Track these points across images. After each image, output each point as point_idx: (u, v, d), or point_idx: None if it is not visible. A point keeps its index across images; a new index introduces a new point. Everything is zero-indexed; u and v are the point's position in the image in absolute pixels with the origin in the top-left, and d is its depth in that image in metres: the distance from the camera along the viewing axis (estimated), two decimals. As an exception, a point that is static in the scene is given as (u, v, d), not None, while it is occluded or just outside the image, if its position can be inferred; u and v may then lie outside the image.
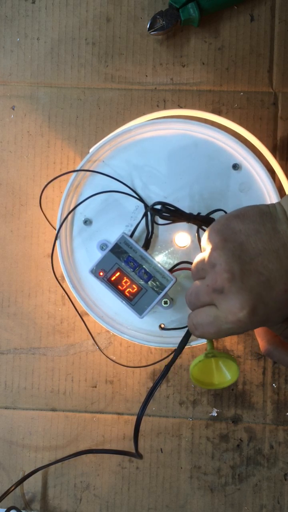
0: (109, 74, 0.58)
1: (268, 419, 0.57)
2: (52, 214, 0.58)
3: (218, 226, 0.40)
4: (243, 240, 0.38)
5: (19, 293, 0.59)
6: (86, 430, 0.58)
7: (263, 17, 0.57)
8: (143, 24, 0.58)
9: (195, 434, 0.57)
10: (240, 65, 0.57)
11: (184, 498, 0.57)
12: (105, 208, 0.54)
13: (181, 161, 0.54)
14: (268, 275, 0.37)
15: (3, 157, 0.59)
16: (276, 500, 0.57)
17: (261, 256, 0.38)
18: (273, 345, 0.45)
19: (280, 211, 0.40)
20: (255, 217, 0.39)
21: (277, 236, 0.38)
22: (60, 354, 0.58)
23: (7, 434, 0.58)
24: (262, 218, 0.39)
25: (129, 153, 0.54)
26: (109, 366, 0.58)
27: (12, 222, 0.59)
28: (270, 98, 0.57)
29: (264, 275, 0.37)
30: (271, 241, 0.38)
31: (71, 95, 0.58)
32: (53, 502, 0.58)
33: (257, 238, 0.38)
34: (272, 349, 0.45)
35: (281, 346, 0.45)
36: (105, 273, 0.50)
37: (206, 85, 0.58)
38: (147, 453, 0.57)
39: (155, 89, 0.58)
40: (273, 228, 0.38)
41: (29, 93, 0.59)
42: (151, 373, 0.57)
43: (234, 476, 0.57)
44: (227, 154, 0.54)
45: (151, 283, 0.49)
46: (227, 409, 0.57)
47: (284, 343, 0.45)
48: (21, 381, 0.58)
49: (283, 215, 0.39)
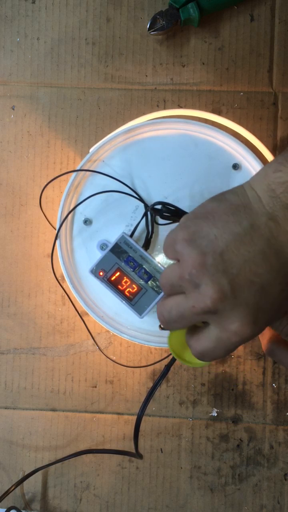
0: (109, 74, 0.58)
1: (268, 419, 0.57)
2: (52, 214, 0.58)
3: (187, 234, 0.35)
4: (223, 249, 0.34)
5: (19, 293, 0.58)
6: (86, 430, 0.58)
7: (263, 17, 0.57)
8: (143, 24, 0.58)
9: (195, 434, 0.57)
10: (240, 65, 0.57)
11: (184, 498, 0.57)
12: (105, 208, 0.54)
13: (181, 161, 0.54)
14: (260, 282, 0.34)
15: (3, 157, 0.59)
16: (276, 500, 0.57)
17: (248, 263, 0.34)
18: (275, 344, 0.43)
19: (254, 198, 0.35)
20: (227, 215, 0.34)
21: (258, 234, 0.34)
22: (60, 354, 0.58)
23: (7, 434, 0.58)
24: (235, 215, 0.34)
25: (129, 153, 0.54)
26: (109, 366, 0.58)
27: (12, 222, 0.59)
28: (270, 98, 0.57)
29: (257, 282, 0.34)
30: (253, 241, 0.34)
31: (71, 95, 0.58)
32: (53, 502, 0.58)
33: (237, 243, 0.34)
34: (274, 348, 0.43)
35: (284, 345, 0.44)
36: (105, 273, 0.50)
37: (206, 85, 0.58)
38: (147, 453, 0.57)
39: (155, 89, 0.58)
40: (252, 225, 0.34)
41: (29, 93, 0.59)
42: (151, 373, 0.57)
43: (234, 476, 0.57)
44: (227, 154, 0.54)
45: (151, 283, 0.49)
46: (227, 409, 0.57)
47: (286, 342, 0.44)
48: (21, 381, 0.58)
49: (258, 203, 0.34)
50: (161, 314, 0.39)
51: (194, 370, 0.57)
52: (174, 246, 0.36)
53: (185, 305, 0.36)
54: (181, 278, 0.35)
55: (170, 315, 0.38)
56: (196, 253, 0.34)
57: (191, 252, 0.34)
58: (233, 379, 0.57)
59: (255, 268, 0.34)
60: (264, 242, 0.34)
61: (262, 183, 0.35)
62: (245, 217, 0.34)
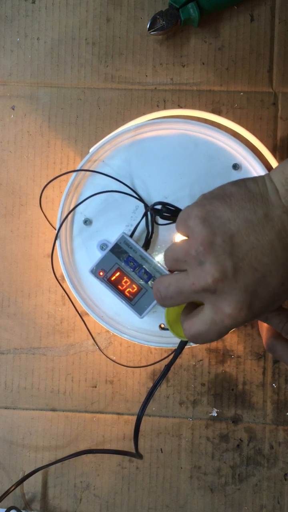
0: (109, 74, 0.58)
1: (268, 419, 0.57)
2: (52, 214, 0.58)
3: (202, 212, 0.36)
4: (234, 233, 0.34)
5: (19, 293, 0.58)
6: (86, 430, 0.58)
7: (263, 17, 0.57)
8: (143, 24, 0.58)
9: (195, 434, 0.57)
10: (240, 65, 0.57)
11: (184, 498, 0.57)
12: (105, 208, 0.54)
13: (181, 161, 0.54)
14: (263, 271, 0.34)
15: (3, 157, 0.59)
16: (276, 500, 0.57)
17: (255, 250, 0.34)
18: (276, 340, 0.43)
19: (272, 190, 0.35)
20: (244, 201, 0.35)
21: (270, 225, 0.34)
22: (60, 354, 0.58)
23: (7, 434, 0.58)
24: (252, 202, 0.35)
25: (129, 153, 0.54)
26: (109, 366, 0.58)
27: (12, 222, 0.59)
28: (270, 98, 0.57)
29: (259, 271, 0.34)
30: (264, 231, 0.34)
31: (71, 95, 0.58)
32: (53, 502, 0.58)
33: (249, 229, 0.34)
34: (274, 344, 0.43)
35: (284, 342, 0.44)
36: (105, 273, 0.50)
37: (206, 85, 0.58)
38: (147, 453, 0.57)
39: (155, 89, 0.58)
40: (266, 215, 0.34)
41: (29, 93, 0.59)
42: (151, 373, 0.57)
43: (234, 476, 0.57)
44: (227, 154, 0.54)
45: (151, 283, 0.49)
46: (227, 409, 0.57)
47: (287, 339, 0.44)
48: (21, 381, 0.58)
49: (275, 195, 0.35)
50: (157, 290, 0.39)
51: (194, 370, 0.57)
52: (187, 221, 0.37)
53: (185, 281, 0.36)
54: (187, 254, 0.36)
55: (167, 291, 0.38)
56: (207, 232, 0.35)
57: (202, 230, 0.35)
58: (233, 379, 0.57)
59: (261, 257, 0.34)
60: (275, 233, 0.34)
61: (281, 176, 0.35)
62: (261, 206, 0.35)
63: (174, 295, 0.38)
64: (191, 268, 0.36)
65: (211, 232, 0.35)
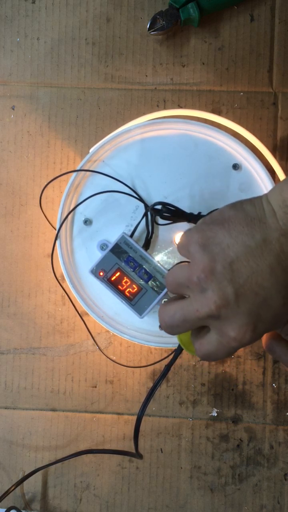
0: (109, 74, 0.58)
1: (268, 419, 0.57)
2: (52, 214, 0.58)
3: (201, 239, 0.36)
4: (233, 259, 0.35)
5: (19, 293, 0.58)
6: (86, 430, 0.58)
7: (263, 17, 0.57)
8: (143, 24, 0.58)
9: (195, 434, 0.57)
10: (240, 65, 0.57)
11: (184, 498, 0.57)
12: (105, 208, 0.54)
13: (181, 161, 0.54)
14: (264, 294, 0.35)
15: (3, 157, 0.59)
16: (276, 500, 0.57)
17: (255, 275, 0.35)
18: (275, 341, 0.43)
19: (269, 213, 0.36)
20: (242, 226, 0.35)
21: (268, 248, 0.35)
22: (60, 354, 0.58)
23: (7, 434, 0.58)
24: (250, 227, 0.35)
25: (129, 153, 0.54)
26: (109, 366, 0.58)
27: (12, 222, 0.59)
28: (270, 98, 0.57)
29: (261, 295, 0.35)
30: (263, 255, 0.35)
31: (71, 95, 0.58)
32: (53, 502, 0.58)
33: (248, 254, 0.35)
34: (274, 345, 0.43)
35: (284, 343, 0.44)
36: (105, 273, 0.50)
37: (206, 85, 0.58)
38: (147, 453, 0.57)
39: (155, 89, 0.58)
40: (264, 239, 0.35)
41: (29, 93, 0.59)
42: (151, 373, 0.57)
43: (234, 476, 0.57)
44: (227, 154, 0.54)
45: (151, 283, 0.49)
46: (227, 409, 0.57)
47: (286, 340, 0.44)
48: (21, 381, 0.58)
49: (272, 218, 0.35)
50: (163, 320, 0.40)
51: (194, 370, 0.57)
52: (188, 247, 0.37)
53: (189, 308, 0.37)
54: (189, 280, 0.37)
55: (173, 319, 0.39)
56: (207, 259, 0.35)
57: (202, 257, 0.36)
58: (233, 379, 0.57)
59: (261, 281, 0.35)
60: (274, 257, 0.35)
61: (278, 198, 0.36)
62: (259, 231, 0.35)
63: (180, 323, 0.38)
64: (194, 295, 0.37)
65: (211, 259, 0.35)
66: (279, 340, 0.44)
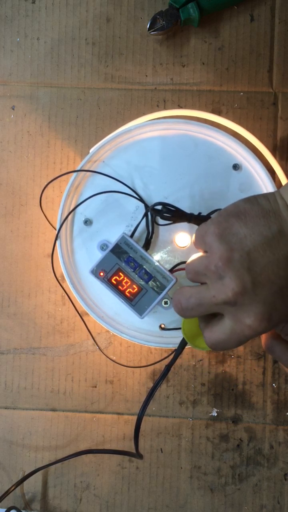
0: (109, 74, 0.58)
1: (268, 419, 0.57)
2: (52, 214, 0.58)
3: (218, 230, 0.37)
4: (250, 248, 0.36)
5: (19, 293, 0.58)
6: (86, 430, 0.58)
7: (263, 17, 0.57)
8: (143, 24, 0.58)
9: (195, 434, 0.57)
10: (240, 65, 0.57)
11: (184, 498, 0.57)
12: (105, 208, 0.54)
13: (181, 161, 0.54)
14: (280, 283, 0.36)
15: (3, 157, 0.59)
16: (276, 500, 0.57)
17: (271, 264, 0.36)
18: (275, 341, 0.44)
19: (283, 207, 0.37)
20: (258, 218, 0.37)
21: (284, 239, 0.36)
22: (60, 354, 0.58)
23: (7, 434, 0.58)
24: (266, 218, 0.37)
25: (130, 153, 0.54)
26: (109, 366, 0.58)
27: (12, 222, 0.59)
28: (270, 98, 0.57)
29: (277, 283, 0.36)
30: (279, 245, 0.36)
31: (71, 95, 0.58)
32: (53, 502, 0.58)
33: (265, 245, 0.36)
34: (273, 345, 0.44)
35: (283, 343, 0.44)
36: (105, 273, 0.50)
37: (206, 85, 0.58)
38: (147, 453, 0.57)
39: (155, 89, 0.58)
40: (280, 231, 0.36)
41: (29, 93, 0.59)
42: (151, 373, 0.57)
43: (234, 476, 0.57)
44: (227, 154, 0.54)
45: (151, 283, 0.49)
46: (227, 409, 0.57)
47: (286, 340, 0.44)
48: (21, 381, 0.58)
49: (286, 211, 0.37)
50: (178, 301, 0.40)
51: (194, 370, 0.57)
52: (204, 238, 0.38)
53: (205, 294, 0.38)
54: (207, 268, 0.38)
55: (188, 302, 0.39)
56: (225, 248, 0.36)
57: (220, 246, 0.37)
58: (233, 379, 0.57)
59: (277, 270, 0.36)
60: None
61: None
62: (275, 222, 0.36)
63: (195, 306, 0.39)
64: (211, 282, 0.38)
65: (229, 248, 0.36)
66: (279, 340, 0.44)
